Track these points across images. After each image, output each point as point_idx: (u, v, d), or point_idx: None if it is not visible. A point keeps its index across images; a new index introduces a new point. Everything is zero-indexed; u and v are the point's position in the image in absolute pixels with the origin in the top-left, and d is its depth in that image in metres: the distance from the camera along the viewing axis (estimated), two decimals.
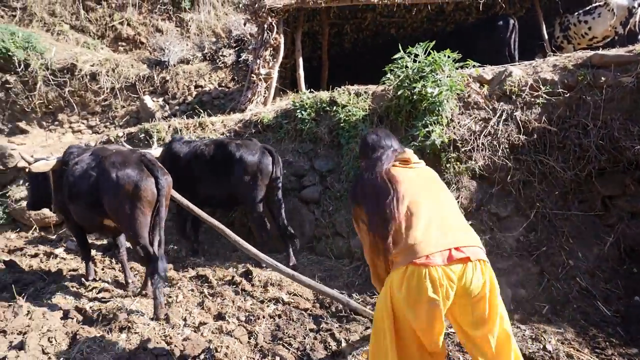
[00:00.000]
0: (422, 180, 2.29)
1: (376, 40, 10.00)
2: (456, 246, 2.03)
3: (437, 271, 1.97)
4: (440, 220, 2.11)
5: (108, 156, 3.90)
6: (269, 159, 4.78)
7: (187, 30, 11.16)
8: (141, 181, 3.70)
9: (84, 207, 4.01)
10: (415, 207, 2.12)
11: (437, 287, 1.97)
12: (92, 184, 3.87)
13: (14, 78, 9.21)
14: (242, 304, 3.84)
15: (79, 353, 3.11)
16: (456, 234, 2.09)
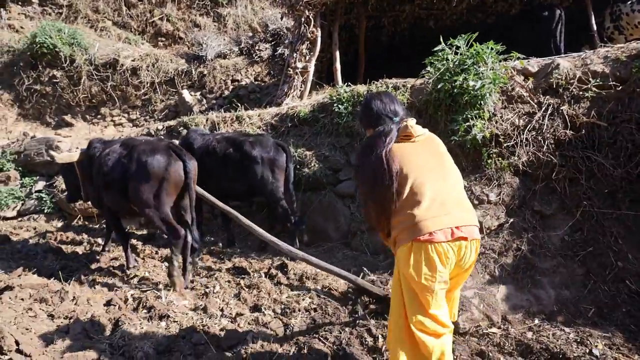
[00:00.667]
0: (426, 154, 2.31)
1: (414, 33, 9.80)
2: (457, 225, 2.14)
3: (442, 246, 2.11)
4: (443, 198, 2.18)
5: (138, 145, 4.24)
6: (283, 154, 5.03)
7: (224, 25, 11.31)
8: (170, 165, 4.05)
9: (117, 194, 4.28)
10: (419, 186, 2.19)
11: (443, 259, 2.12)
12: (123, 171, 4.16)
13: (60, 73, 9.59)
14: (278, 297, 3.86)
15: (122, 339, 3.20)
16: (458, 213, 2.18)
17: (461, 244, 2.16)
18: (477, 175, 4.31)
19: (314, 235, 5.39)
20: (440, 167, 2.29)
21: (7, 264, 4.72)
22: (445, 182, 2.24)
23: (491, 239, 3.90)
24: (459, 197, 2.26)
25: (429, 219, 2.12)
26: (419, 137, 2.36)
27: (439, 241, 2.10)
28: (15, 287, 3.93)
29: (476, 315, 3.40)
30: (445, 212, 2.14)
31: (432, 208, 2.14)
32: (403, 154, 2.26)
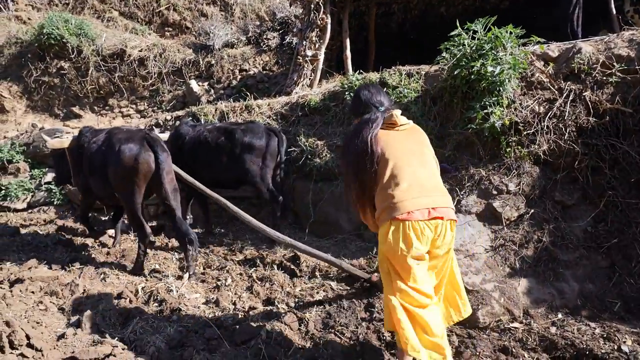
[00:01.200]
0: (408, 142, 2.50)
1: (424, 20, 9.61)
2: (433, 206, 2.33)
3: (418, 224, 2.30)
4: (421, 182, 2.37)
5: (117, 133, 4.36)
6: (275, 140, 5.05)
7: (231, 14, 11.15)
8: (140, 155, 4.09)
9: (99, 180, 4.42)
10: (399, 170, 2.38)
11: (419, 236, 2.30)
12: (103, 158, 4.30)
13: (68, 64, 9.51)
14: (291, 290, 3.79)
15: (133, 333, 3.14)
16: (434, 196, 2.37)
17: (437, 223, 2.34)
18: (495, 164, 4.16)
19: (325, 227, 5.29)
20: (420, 155, 2.49)
21: (17, 256, 4.68)
22: (424, 169, 2.44)
23: (511, 230, 3.77)
24: (436, 182, 2.47)
25: (408, 200, 2.31)
26: (403, 127, 2.57)
27: (416, 219, 2.29)
28: (25, 280, 3.87)
29: (497, 309, 3.29)
30: (423, 194, 2.34)
31: (410, 190, 2.34)
32: (387, 140, 2.47)
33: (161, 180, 4.14)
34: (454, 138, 4.56)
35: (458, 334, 3.12)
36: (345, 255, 4.44)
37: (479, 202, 3.98)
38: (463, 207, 3.98)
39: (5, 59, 9.81)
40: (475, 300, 3.33)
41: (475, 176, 4.16)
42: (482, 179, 4.10)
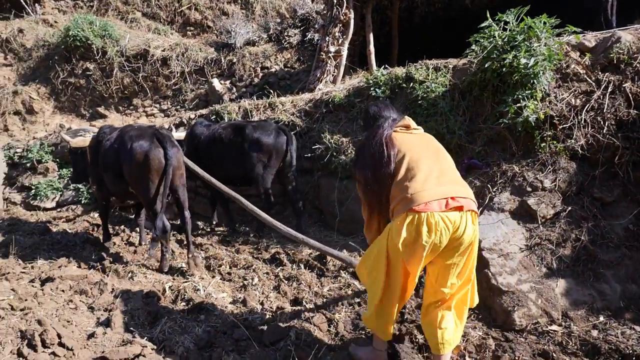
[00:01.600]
0: (421, 142, 2.53)
1: (448, 13, 9.42)
2: (452, 196, 2.24)
3: (434, 217, 2.19)
4: (438, 174, 2.33)
5: (129, 131, 4.45)
6: (284, 138, 5.08)
7: (252, 12, 11.15)
8: (150, 151, 4.17)
9: (112, 176, 4.53)
10: (415, 164, 2.35)
11: (432, 230, 2.19)
12: (116, 155, 4.40)
13: (93, 65, 9.66)
14: (319, 290, 3.72)
15: (161, 333, 3.12)
16: (452, 186, 2.31)
17: (456, 215, 2.24)
18: (529, 160, 4.01)
19: (352, 225, 5.21)
20: (435, 151, 2.50)
21: (47, 255, 4.75)
22: (440, 163, 2.41)
23: (547, 229, 3.62)
24: (454, 174, 2.42)
25: (425, 190, 2.24)
26: (416, 130, 2.62)
27: (433, 211, 2.20)
28: (56, 279, 3.91)
29: (534, 311, 3.16)
30: (440, 184, 2.28)
31: (427, 181, 2.28)
32: (402, 139, 2.50)
33: (165, 175, 4.20)
34: (485, 133, 4.41)
35: (495, 337, 3.01)
36: None
37: (513, 199, 3.84)
38: (495, 204, 3.84)
39: (33, 61, 10.03)
40: (511, 301, 3.21)
41: (508, 172, 4.01)
42: (515, 176, 3.95)
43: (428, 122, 4.75)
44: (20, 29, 10.37)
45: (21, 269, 4.32)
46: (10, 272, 4.13)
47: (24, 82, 9.81)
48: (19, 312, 3.31)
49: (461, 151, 4.59)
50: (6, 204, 7.25)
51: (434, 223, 2.19)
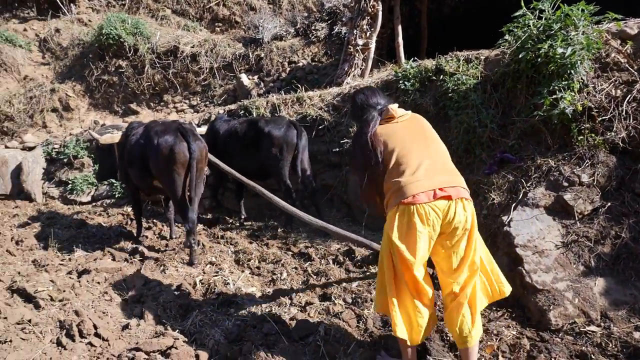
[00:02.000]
0: (409, 131, 2.54)
1: (480, 2, 9.15)
2: (440, 187, 2.31)
3: (423, 208, 2.29)
4: (427, 165, 2.38)
5: (153, 126, 4.61)
6: (294, 132, 5.20)
7: (279, 7, 11.15)
8: (175, 145, 4.32)
9: (137, 171, 4.70)
10: (403, 157, 2.42)
11: (424, 220, 2.30)
12: (141, 150, 4.56)
13: (126, 63, 9.87)
14: (348, 285, 3.70)
15: (192, 326, 3.18)
16: (441, 177, 2.36)
17: (448, 203, 2.31)
18: (565, 154, 3.86)
19: (379, 220, 5.15)
20: (423, 140, 2.52)
21: (83, 248, 4.90)
22: (428, 152, 2.45)
23: (584, 225, 3.48)
24: (444, 163, 2.47)
25: (413, 183, 2.33)
26: (402, 118, 2.62)
27: (421, 202, 2.29)
28: (92, 271, 4.04)
29: (570, 311, 3.05)
30: (428, 176, 2.34)
31: (415, 174, 2.35)
32: (387, 133, 2.53)
33: (190, 169, 4.33)
34: (518, 126, 4.28)
35: (529, 337, 2.92)
36: None
37: (548, 194, 3.71)
38: (530, 199, 3.73)
39: (69, 59, 10.35)
40: (546, 300, 3.11)
41: (543, 167, 3.87)
42: (550, 170, 3.82)
43: (459, 115, 4.65)
44: (57, 28, 10.72)
45: (59, 261, 4.48)
46: (49, 264, 4.29)
47: (60, 80, 10.14)
48: (57, 302, 3.43)
49: (493, 145, 4.46)
50: (45, 198, 7.53)
51: (424, 213, 2.29)
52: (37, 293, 3.51)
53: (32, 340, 2.91)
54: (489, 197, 4.07)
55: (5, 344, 2.81)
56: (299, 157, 5.21)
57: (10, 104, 9.36)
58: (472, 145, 4.55)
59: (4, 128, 9.19)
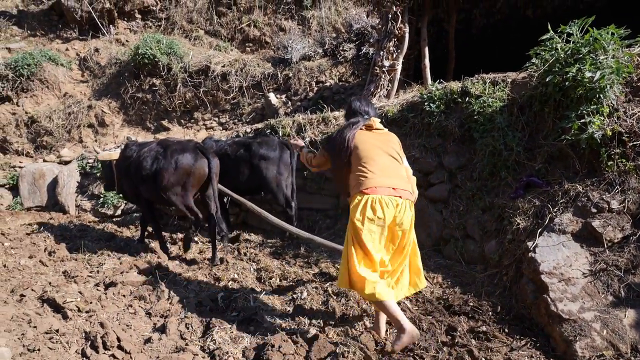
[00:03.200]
0: (379, 142, 3.12)
1: (508, 24, 9.11)
2: (394, 187, 2.93)
3: (383, 199, 2.86)
4: (386, 170, 2.99)
5: (171, 145, 5.07)
6: (287, 152, 5.67)
7: (308, 28, 11.38)
8: (196, 162, 4.89)
9: (151, 186, 5.01)
10: (368, 159, 3.01)
11: (384, 207, 2.86)
12: (157, 166, 4.95)
13: (159, 81, 10.25)
14: (368, 307, 3.68)
15: (212, 342, 3.20)
16: (397, 181, 2.98)
17: (397, 200, 2.91)
18: (594, 179, 3.77)
19: None
20: (386, 151, 3.09)
21: (111, 261, 5.04)
22: (389, 161, 3.05)
23: (614, 254, 3.37)
24: (398, 172, 3.04)
25: (375, 179, 2.92)
26: (378, 130, 3.22)
27: (381, 194, 2.88)
28: (118, 284, 4.15)
29: (598, 343, 2.94)
30: (386, 177, 2.95)
31: (377, 173, 2.95)
32: (361, 138, 3.11)
33: (211, 182, 4.95)
34: (545, 150, 4.21)
35: None
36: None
37: (575, 220, 3.62)
38: (556, 225, 3.64)
39: (106, 78, 10.81)
40: (572, 330, 3.01)
41: (571, 192, 3.79)
42: (578, 195, 3.73)
43: (484, 138, 4.61)
44: (96, 48, 11.24)
45: (88, 272, 4.61)
46: (78, 275, 4.43)
47: (97, 97, 10.59)
48: (84, 314, 3.54)
49: (520, 168, 4.40)
50: (78, 210, 7.81)
51: (383, 203, 2.86)
52: (65, 304, 3.62)
53: (59, 350, 3.00)
54: (514, 222, 4.00)
55: (33, 352, 2.91)
56: (292, 174, 5.69)
57: (50, 119, 9.83)
58: (498, 168, 4.50)
59: (44, 142, 9.64)
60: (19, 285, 4.09)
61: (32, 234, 6.24)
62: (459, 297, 3.82)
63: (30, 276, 4.45)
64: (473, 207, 4.69)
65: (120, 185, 5.73)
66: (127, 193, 5.79)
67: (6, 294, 3.91)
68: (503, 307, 3.57)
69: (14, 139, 9.78)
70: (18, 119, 9.94)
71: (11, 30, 12.12)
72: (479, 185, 4.69)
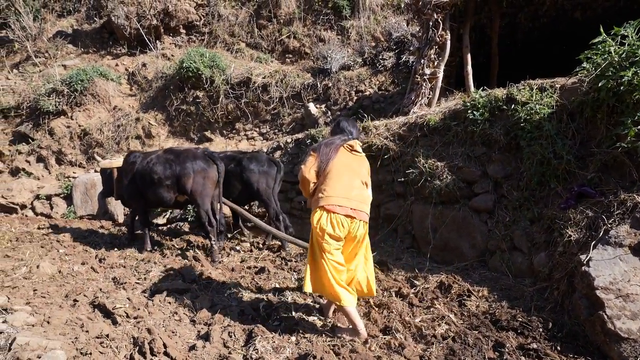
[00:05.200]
0: (352, 162, 3.48)
1: (555, 27, 8.78)
2: (352, 208, 3.30)
3: (339, 217, 3.26)
4: (349, 190, 3.34)
5: (183, 152, 5.77)
6: (274, 168, 6.30)
7: (347, 37, 11.42)
8: (209, 167, 5.64)
9: (164, 190, 5.68)
10: (336, 176, 3.37)
11: (339, 224, 3.26)
12: (173, 172, 5.61)
13: (202, 93, 10.57)
14: (410, 320, 3.60)
15: (255, 351, 3.22)
16: (355, 203, 3.33)
17: (352, 220, 3.31)
18: None
19: (445, 253, 5.01)
20: (356, 174, 3.45)
21: (158, 269, 5.20)
22: (355, 184, 3.41)
23: None
24: (359, 194, 3.39)
25: (336, 197, 3.30)
26: (356, 153, 3.55)
27: (338, 213, 3.26)
28: (164, 291, 4.27)
29: None
30: (346, 199, 3.31)
31: (340, 193, 3.31)
32: (339, 156, 3.44)
33: (219, 185, 5.69)
34: (598, 158, 4.01)
35: None
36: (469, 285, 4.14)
37: (633, 233, 3.41)
38: (612, 238, 3.44)
39: (153, 91, 11.25)
40: (632, 350, 2.83)
41: (627, 202, 3.58)
42: (636, 206, 3.51)
43: (532, 146, 4.45)
44: (143, 63, 11.74)
45: (136, 279, 4.77)
46: (127, 282, 4.60)
47: (144, 109, 11.04)
48: (132, 319, 3.66)
49: (570, 177, 4.21)
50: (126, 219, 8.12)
51: (339, 221, 3.26)
52: (115, 309, 3.76)
53: (109, 354, 3.11)
54: (565, 233, 3.82)
55: (85, 355, 3.03)
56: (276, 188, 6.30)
57: (101, 131, 10.34)
58: (547, 177, 4.32)
59: (95, 153, 10.12)
60: (72, 291, 4.29)
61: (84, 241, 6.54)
62: (507, 311, 3.67)
63: (82, 282, 4.66)
64: (520, 217, 4.52)
65: (118, 191, 6.30)
66: (128, 197, 6.26)
67: (61, 299, 4.11)
68: (554, 324, 3.39)
69: (68, 150, 10.33)
70: (72, 131, 10.51)
71: (67, 48, 12.88)
72: (527, 195, 4.52)
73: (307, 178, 3.44)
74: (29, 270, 4.90)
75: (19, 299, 3.97)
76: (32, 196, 8.75)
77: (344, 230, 3.27)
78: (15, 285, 4.37)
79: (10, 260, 5.31)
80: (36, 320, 3.47)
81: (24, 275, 4.75)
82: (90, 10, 13.92)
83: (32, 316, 3.54)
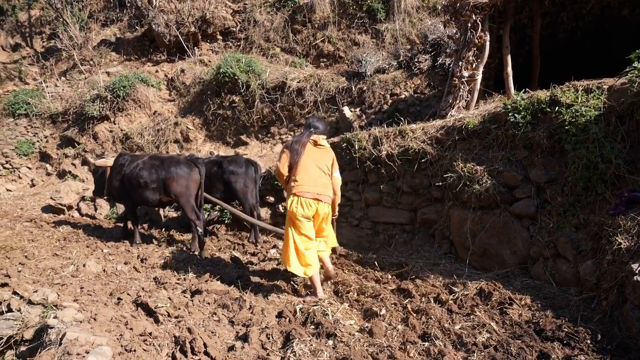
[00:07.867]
0: (317, 155, 4.31)
1: (601, 25, 8.43)
2: (318, 193, 4.20)
3: (308, 200, 4.15)
4: (315, 179, 4.22)
5: (168, 158, 6.51)
6: (252, 168, 7.05)
7: (382, 41, 11.38)
8: (192, 171, 6.33)
9: (150, 191, 6.33)
10: (304, 167, 4.21)
11: (308, 206, 4.15)
12: (158, 176, 6.28)
13: (238, 98, 10.76)
14: (450, 327, 3.53)
15: (292, 354, 3.23)
16: (320, 188, 4.22)
17: (318, 202, 4.19)
18: None
19: (485, 259, 4.89)
20: (319, 166, 4.28)
21: (196, 269, 5.31)
22: (318, 173, 4.26)
23: None
24: (323, 183, 4.26)
25: (304, 185, 4.17)
26: (320, 146, 4.37)
27: (307, 197, 4.14)
28: (203, 292, 4.35)
29: None
30: (312, 186, 4.18)
31: (307, 181, 4.18)
32: (307, 150, 4.26)
33: (200, 186, 6.35)
34: None
35: None
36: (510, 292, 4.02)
37: None
38: None
39: (190, 96, 11.55)
40: None
41: None
42: None
43: (577, 150, 4.29)
44: (182, 69, 12.08)
45: (176, 280, 4.90)
46: (167, 282, 4.72)
47: (182, 114, 11.34)
48: (173, 319, 3.75)
49: (620, 182, 4.03)
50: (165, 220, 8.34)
51: (307, 203, 4.14)
52: (157, 308, 3.87)
53: (152, 352, 3.19)
54: (615, 241, 3.65)
55: (130, 352, 3.12)
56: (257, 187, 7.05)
57: (142, 135, 10.69)
58: (593, 182, 4.16)
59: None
60: (116, 289, 4.44)
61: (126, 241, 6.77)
62: (552, 321, 3.53)
63: (125, 281, 4.82)
64: (565, 224, 4.35)
65: (108, 189, 6.80)
66: (118, 196, 6.83)
67: (106, 297, 4.26)
68: (604, 335, 3.24)
69: (111, 154, 10.72)
70: (114, 135, 10.92)
71: (110, 56, 13.42)
72: (572, 200, 4.35)
73: (282, 172, 4.29)
74: (76, 268, 5.11)
75: (67, 295, 4.14)
76: (77, 198, 9.13)
77: (312, 210, 4.15)
78: (64, 283, 4.56)
79: (58, 259, 5.56)
80: (83, 316, 3.61)
81: (71, 274, 4.95)
82: (132, 19, 14.47)
83: (79, 313, 3.68)
